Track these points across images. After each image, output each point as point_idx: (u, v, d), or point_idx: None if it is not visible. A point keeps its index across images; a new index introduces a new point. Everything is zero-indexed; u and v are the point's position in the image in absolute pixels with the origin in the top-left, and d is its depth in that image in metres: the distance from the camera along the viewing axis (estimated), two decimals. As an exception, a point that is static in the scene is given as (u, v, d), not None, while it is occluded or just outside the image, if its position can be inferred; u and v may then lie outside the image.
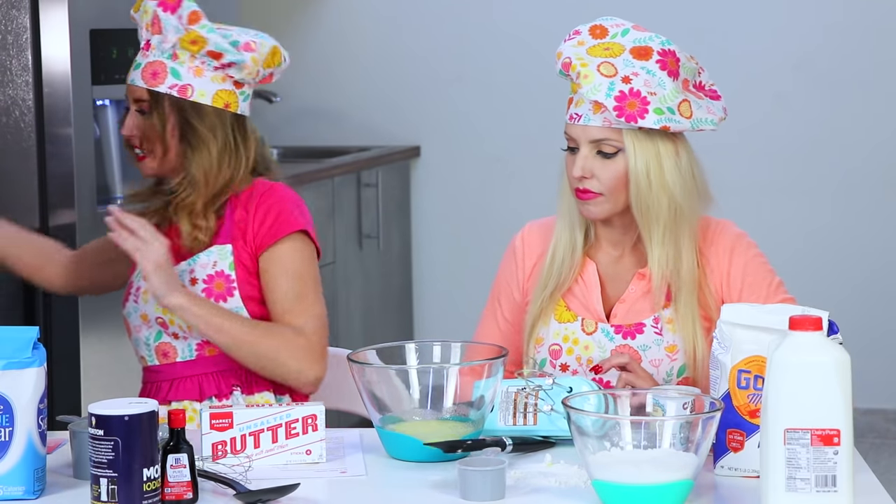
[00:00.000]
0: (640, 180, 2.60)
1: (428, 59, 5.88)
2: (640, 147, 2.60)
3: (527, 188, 5.75)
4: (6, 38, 3.89)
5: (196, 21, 2.84)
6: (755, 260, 2.68)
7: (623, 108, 2.56)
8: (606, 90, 2.57)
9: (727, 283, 2.65)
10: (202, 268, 2.86)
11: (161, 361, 2.89)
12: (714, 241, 2.68)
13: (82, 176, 3.93)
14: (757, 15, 5.60)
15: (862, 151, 5.55)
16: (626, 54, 2.59)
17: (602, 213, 2.64)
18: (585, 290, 2.70)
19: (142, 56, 2.88)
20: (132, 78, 2.88)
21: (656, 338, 2.63)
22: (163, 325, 2.86)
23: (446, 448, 2.30)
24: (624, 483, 2.10)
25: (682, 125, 2.60)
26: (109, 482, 2.11)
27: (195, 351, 2.87)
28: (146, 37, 2.88)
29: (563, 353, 2.68)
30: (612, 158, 2.62)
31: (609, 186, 2.62)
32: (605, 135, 2.60)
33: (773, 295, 2.65)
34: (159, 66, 2.85)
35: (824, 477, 2.08)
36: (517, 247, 2.81)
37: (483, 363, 2.42)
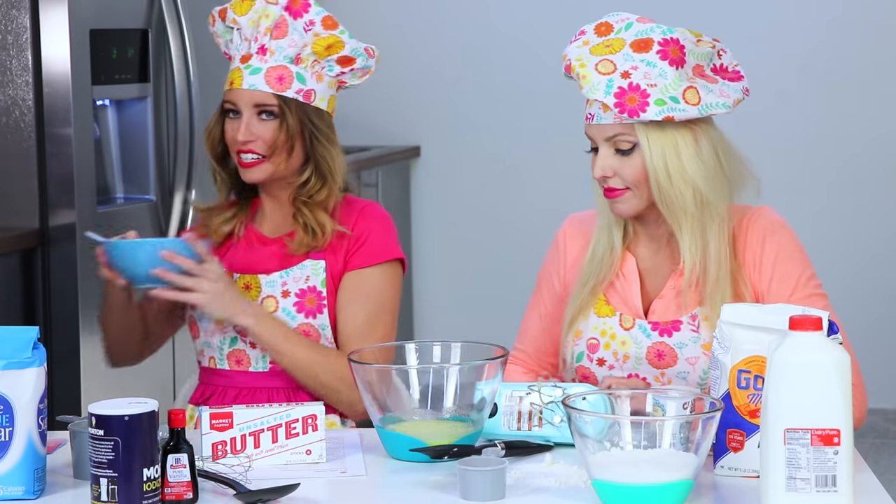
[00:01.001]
0: (659, 173, 2.59)
1: (428, 59, 5.89)
2: (654, 140, 2.58)
3: (527, 188, 5.75)
4: (6, 38, 3.89)
5: (335, 26, 2.84)
6: (787, 248, 2.64)
7: (623, 103, 2.56)
8: (605, 88, 2.56)
9: (759, 270, 2.62)
10: (295, 281, 2.84)
11: (233, 367, 2.86)
12: (749, 229, 2.65)
13: (82, 176, 3.93)
14: (759, 14, 5.60)
15: (864, 150, 5.55)
16: (626, 49, 2.59)
17: (631, 209, 2.63)
18: (625, 284, 2.69)
19: (259, 60, 2.82)
20: (251, 83, 2.82)
21: (693, 335, 2.62)
22: (241, 332, 2.84)
23: (433, 455, 2.29)
24: (624, 483, 2.10)
25: (689, 113, 2.58)
26: (109, 482, 2.11)
27: (269, 363, 2.84)
28: (262, 41, 2.82)
29: (600, 347, 2.67)
30: (629, 154, 2.60)
31: (632, 182, 2.60)
32: (619, 131, 2.59)
33: (804, 287, 2.62)
34: (284, 70, 2.81)
35: (824, 477, 2.07)
36: (559, 240, 2.81)
37: (483, 363, 2.42)
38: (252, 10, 2.82)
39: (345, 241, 2.86)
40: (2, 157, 3.91)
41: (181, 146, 4.25)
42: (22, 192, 3.92)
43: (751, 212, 2.68)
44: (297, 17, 2.82)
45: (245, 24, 2.83)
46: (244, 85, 2.82)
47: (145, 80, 4.20)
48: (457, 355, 2.54)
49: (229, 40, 2.88)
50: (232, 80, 2.85)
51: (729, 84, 2.65)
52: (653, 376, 2.64)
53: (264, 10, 2.82)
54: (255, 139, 2.82)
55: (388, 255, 2.89)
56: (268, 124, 2.83)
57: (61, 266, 3.91)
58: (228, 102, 2.86)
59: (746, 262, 2.64)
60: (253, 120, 2.83)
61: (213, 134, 2.91)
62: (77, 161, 3.91)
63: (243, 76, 2.83)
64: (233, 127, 2.86)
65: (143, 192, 4.24)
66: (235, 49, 2.87)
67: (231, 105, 2.85)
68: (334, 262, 2.86)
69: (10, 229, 3.88)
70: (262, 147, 2.83)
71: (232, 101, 2.85)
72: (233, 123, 2.86)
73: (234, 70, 2.86)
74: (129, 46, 4.14)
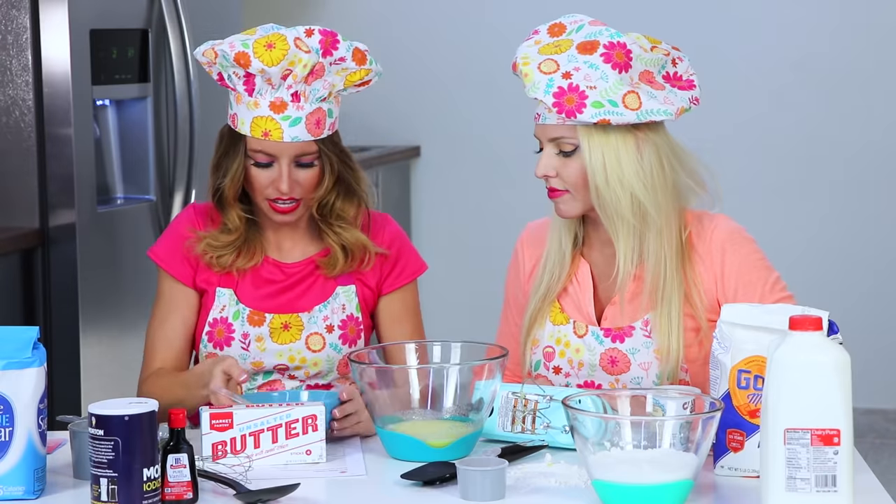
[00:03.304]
0: (597, 176, 2.58)
1: (428, 59, 5.89)
2: (594, 143, 2.57)
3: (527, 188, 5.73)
4: (6, 38, 3.89)
5: (364, 59, 2.72)
6: (750, 257, 2.64)
7: (561, 103, 2.55)
8: (545, 87, 2.55)
9: (721, 283, 2.62)
10: (334, 313, 2.80)
11: None
12: (706, 238, 2.64)
13: (82, 176, 3.93)
14: (755, 14, 5.60)
15: (860, 150, 5.55)
16: (572, 49, 2.58)
17: (572, 210, 2.62)
18: (579, 290, 2.69)
19: (295, 109, 2.68)
20: (293, 135, 2.68)
21: (645, 340, 2.62)
22: (280, 370, 2.79)
23: (424, 482, 2.28)
24: (624, 483, 2.10)
25: (626, 117, 2.55)
26: (109, 482, 2.11)
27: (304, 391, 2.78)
28: (296, 88, 2.67)
29: (556, 355, 2.67)
30: (571, 156, 2.60)
31: (572, 184, 2.60)
32: (561, 133, 2.59)
33: (770, 293, 2.62)
34: (320, 113, 2.70)
35: (824, 477, 2.08)
36: (517, 249, 2.81)
37: (483, 363, 2.42)
38: (284, 59, 2.64)
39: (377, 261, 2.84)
40: (2, 157, 3.91)
41: (181, 146, 4.25)
42: (22, 192, 3.92)
43: (707, 219, 2.67)
44: (328, 55, 2.68)
45: (275, 73, 2.65)
46: (285, 138, 2.68)
47: (145, 80, 4.20)
48: (457, 355, 2.54)
49: (233, 73, 2.69)
50: (267, 131, 2.68)
51: (676, 92, 2.62)
52: (608, 383, 2.64)
53: (296, 56, 2.64)
54: (295, 187, 2.73)
55: (420, 268, 2.92)
56: (308, 172, 2.74)
57: (61, 266, 3.91)
58: (262, 153, 2.71)
59: (704, 272, 2.63)
60: (292, 169, 2.72)
61: (237, 180, 2.74)
62: (77, 161, 3.91)
63: (282, 129, 2.68)
64: (266, 176, 2.72)
65: (143, 192, 4.23)
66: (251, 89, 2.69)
67: (266, 156, 2.71)
68: (363, 282, 2.83)
69: (10, 229, 3.88)
70: (299, 192, 2.74)
71: (268, 152, 2.71)
72: (266, 172, 2.72)
73: (263, 118, 2.68)
74: (129, 46, 4.14)
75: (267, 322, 2.78)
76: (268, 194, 2.74)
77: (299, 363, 2.78)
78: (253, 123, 2.69)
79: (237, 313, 2.78)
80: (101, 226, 4.01)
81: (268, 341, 2.77)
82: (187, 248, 2.80)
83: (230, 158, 2.76)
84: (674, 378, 2.59)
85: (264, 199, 2.75)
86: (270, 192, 2.73)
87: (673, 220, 2.62)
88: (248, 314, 2.78)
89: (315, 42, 2.68)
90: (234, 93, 2.72)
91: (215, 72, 2.71)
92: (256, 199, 2.77)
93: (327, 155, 2.75)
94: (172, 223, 2.88)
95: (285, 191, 2.71)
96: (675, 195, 2.62)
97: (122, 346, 4.06)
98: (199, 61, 2.73)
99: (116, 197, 4.22)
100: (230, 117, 2.76)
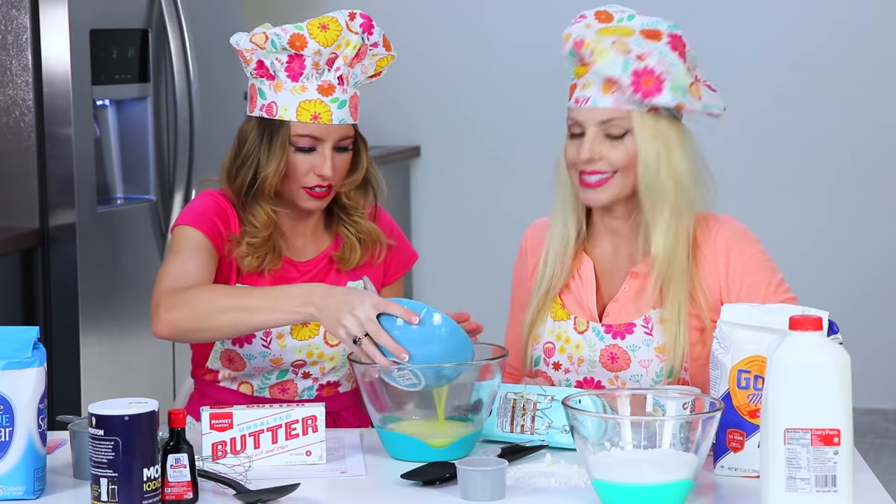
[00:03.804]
0: (650, 161, 2.58)
1: (428, 59, 5.89)
2: (647, 128, 2.58)
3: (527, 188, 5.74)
4: (6, 38, 3.89)
5: (389, 46, 2.79)
6: (755, 258, 2.65)
7: (640, 83, 2.54)
8: (622, 65, 2.55)
9: (726, 283, 2.63)
10: None
11: (275, 396, 2.80)
12: (712, 238, 2.65)
13: (82, 176, 3.93)
14: (754, 13, 5.60)
15: (860, 149, 5.55)
16: (637, 35, 2.58)
17: (607, 198, 2.62)
18: (581, 286, 2.69)
19: (341, 92, 2.72)
20: (341, 118, 2.72)
21: (646, 338, 2.62)
22: (296, 366, 2.78)
23: (424, 482, 2.28)
24: (624, 483, 2.10)
25: (695, 106, 2.58)
26: (109, 482, 2.11)
27: (315, 391, 2.81)
28: (342, 71, 2.72)
29: (556, 351, 2.68)
30: (620, 140, 2.60)
31: (619, 165, 2.59)
32: (615, 115, 2.59)
33: (773, 294, 2.62)
34: (356, 97, 2.76)
35: (824, 477, 2.08)
36: (522, 248, 2.81)
37: (483, 363, 2.42)
38: (338, 40, 2.70)
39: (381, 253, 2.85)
40: (2, 157, 3.91)
41: (181, 146, 4.25)
42: (22, 192, 3.92)
43: (713, 219, 2.68)
44: (369, 34, 2.75)
45: (326, 54, 2.70)
46: (334, 120, 2.71)
47: (145, 80, 4.20)
48: (457, 355, 2.53)
49: (276, 59, 2.71)
50: (317, 114, 2.70)
51: (711, 93, 2.64)
52: (607, 379, 2.64)
53: (346, 38, 2.71)
54: (333, 175, 2.74)
55: (413, 257, 2.95)
56: (344, 156, 2.76)
57: (61, 266, 3.91)
58: (308, 137, 2.71)
59: (708, 272, 2.63)
60: (333, 155, 2.73)
61: (281, 171, 2.71)
62: (77, 161, 3.91)
63: (331, 111, 2.71)
64: (308, 162, 2.72)
65: (143, 192, 4.24)
66: (296, 74, 2.70)
67: (312, 140, 2.72)
68: (372, 275, 2.84)
69: (10, 229, 3.88)
70: (336, 178, 2.75)
71: (315, 135, 2.71)
72: (308, 158, 2.72)
73: (312, 102, 2.70)
74: (129, 46, 4.14)
75: None
76: (307, 181, 2.74)
77: (317, 358, 2.78)
78: (300, 108, 2.70)
79: None
80: (101, 226, 4.01)
81: (288, 338, 2.77)
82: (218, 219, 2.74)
83: (266, 150, 2.72)
84: (676, 375, 2.59)
85: (300, 188, 2.74)
86: (310, 179, 2.73)
87: (693, 217, 2.63)
88: None
89: (358, 26, 2.74)
90: (269, 82, 2.72)
91: (255, 59, 2.72)
92: (291, 188, 2.75)
93: (361, 139, 2.80)
94: (198, 199, 2.80)
95: (329, 175, 2.72)
96: (700, 193, 2.64)
97: (122, 346, 4.06)
98: (241, 49, 2.73)
99: (116, 197, 4.22)
100: (263, 108, 2.73)
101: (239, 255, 2.74)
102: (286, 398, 2.80)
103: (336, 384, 2.82)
